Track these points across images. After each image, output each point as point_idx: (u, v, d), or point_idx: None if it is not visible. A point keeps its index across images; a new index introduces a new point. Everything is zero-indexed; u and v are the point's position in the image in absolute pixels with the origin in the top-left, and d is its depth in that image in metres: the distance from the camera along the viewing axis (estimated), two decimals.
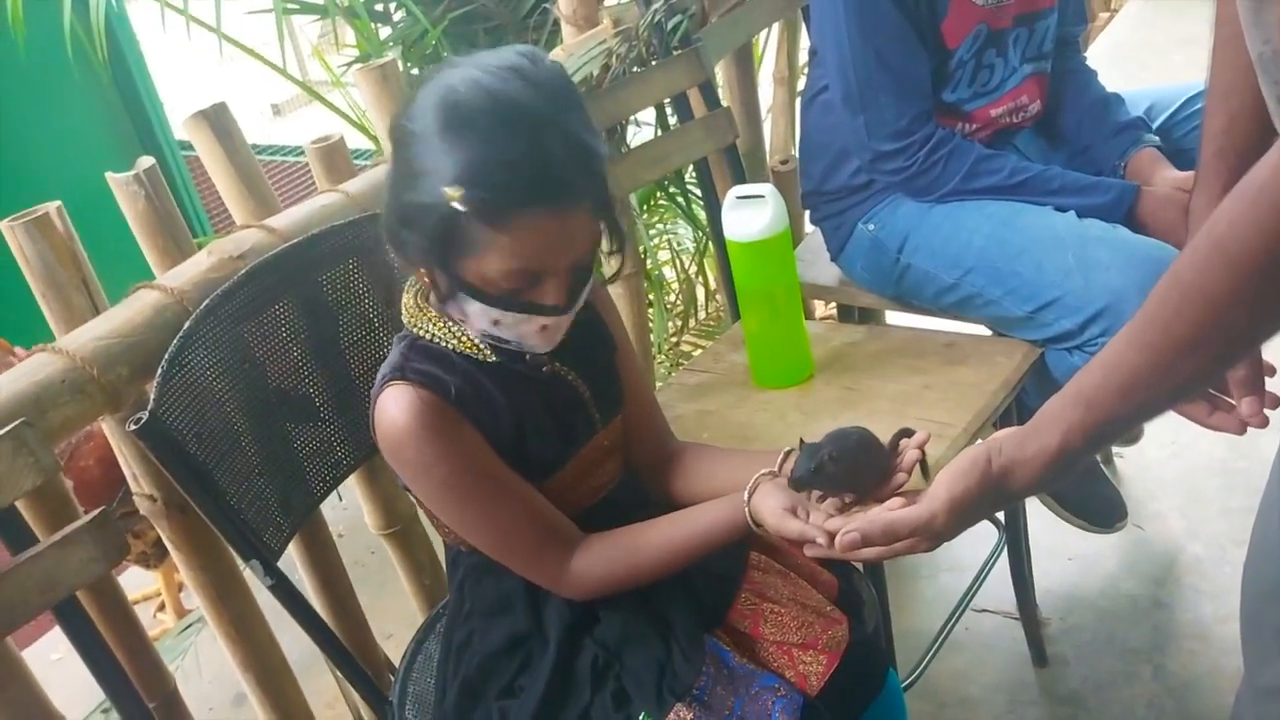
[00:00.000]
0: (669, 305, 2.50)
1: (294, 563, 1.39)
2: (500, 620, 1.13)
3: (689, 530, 1.08)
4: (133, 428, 1.01)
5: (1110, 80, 1.85)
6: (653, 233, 2.40)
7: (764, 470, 1.05)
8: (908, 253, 1.69)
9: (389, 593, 1.77)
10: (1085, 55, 1.87)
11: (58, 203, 1.13)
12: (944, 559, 2.05)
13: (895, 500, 0.95)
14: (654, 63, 1.73)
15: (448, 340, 1.06)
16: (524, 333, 1.03)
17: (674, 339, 2.45)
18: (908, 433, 1.05)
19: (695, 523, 1.08)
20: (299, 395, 1.22)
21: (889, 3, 1.56)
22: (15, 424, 0.96)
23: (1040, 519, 1.87)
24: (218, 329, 1.13)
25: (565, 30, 1.77)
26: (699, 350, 2.34)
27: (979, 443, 0.90)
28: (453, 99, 0.94)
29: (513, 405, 1.06)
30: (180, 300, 1.14)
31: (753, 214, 1.51)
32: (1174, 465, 2.16)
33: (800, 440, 1.05)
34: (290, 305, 1.21)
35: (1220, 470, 2.11)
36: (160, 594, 2.20)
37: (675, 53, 1.73)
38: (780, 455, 1.08)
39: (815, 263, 1.90)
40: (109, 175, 1.21)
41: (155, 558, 2.00)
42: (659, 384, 1.91)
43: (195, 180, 3.36)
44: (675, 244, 2.53)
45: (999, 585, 1.81)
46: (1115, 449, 2.16)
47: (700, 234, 2.40)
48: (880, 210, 1.72)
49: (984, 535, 1.84)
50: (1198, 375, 0.76)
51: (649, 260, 2.26)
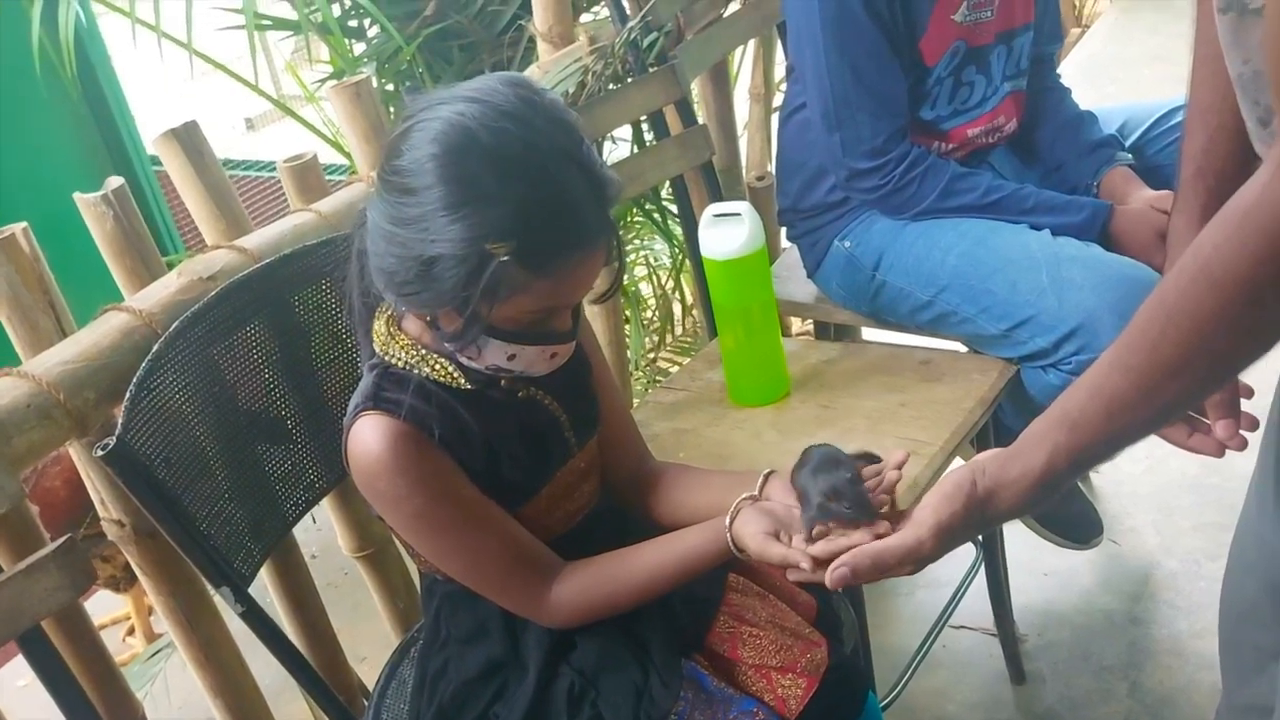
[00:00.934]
0: (646, 322, 2.49)
1: (265, 586, 1.37)
2: (476, 648, 1.12)
3: (670, 556, 1.07)
4: (100, 453, 0.99)
5: (1082, 95, 1.86)
6: (630, 249, 2.39)
7: (745, 494, 1.05)
8: (883, 270, 1.69)
9: (363, 615, 1.75)
10: (1059, 73, 1.88)
11: (24, 224, 1.12)
12: (921, 577, 2.03)
13: (881, 528, 0.94)
14: (630, 80, 1.73)
15: (420, 368, 1.05)
16: (535, 361, 1.03)
17: (650, 356, 2.44)
18: (873, 458, 1.04)
19: (676, 549, 1.07)
20: (271, 418, 1.21)
21: (867, 20, 1.56)
22: None
23: (1017, 535, 1.87)
24: (187, 351, 1.12)
25: (541, 47, 1.76)
26: (676, 367, 2.33)
27: (962, 465, 0.89)
28: (466, 144, 0.92)
29: (487, 432, 1.05)
30: (149, 323, 1.12)
31: (729, 232, 1.50)
32: (1148, 481, 2.17)
33: (769, 472, 1.06)
34: (262, 326, 1.20)
35: (1194, 486, 2.12)
36: (130, 618, 2.17)
37: (651, 70, 1.73)
38: (760, 478, 1.07)
39: (791, 279, 1.90)
40: (77, 196, 1.19)
41: (125, 581, 1.97)
42: (635, 401, 1.90)
43: (168, 197, 3.32)
44: (652, 260, 2.52)
45: (976, 602, 1.80)
46: None
47: (677, 251, 2.40)
48: (856, 227, 1.72)
49: (962, 552, 1.82)
50: (1183, 398, 0.76)
51: (626, 277, 2.25)
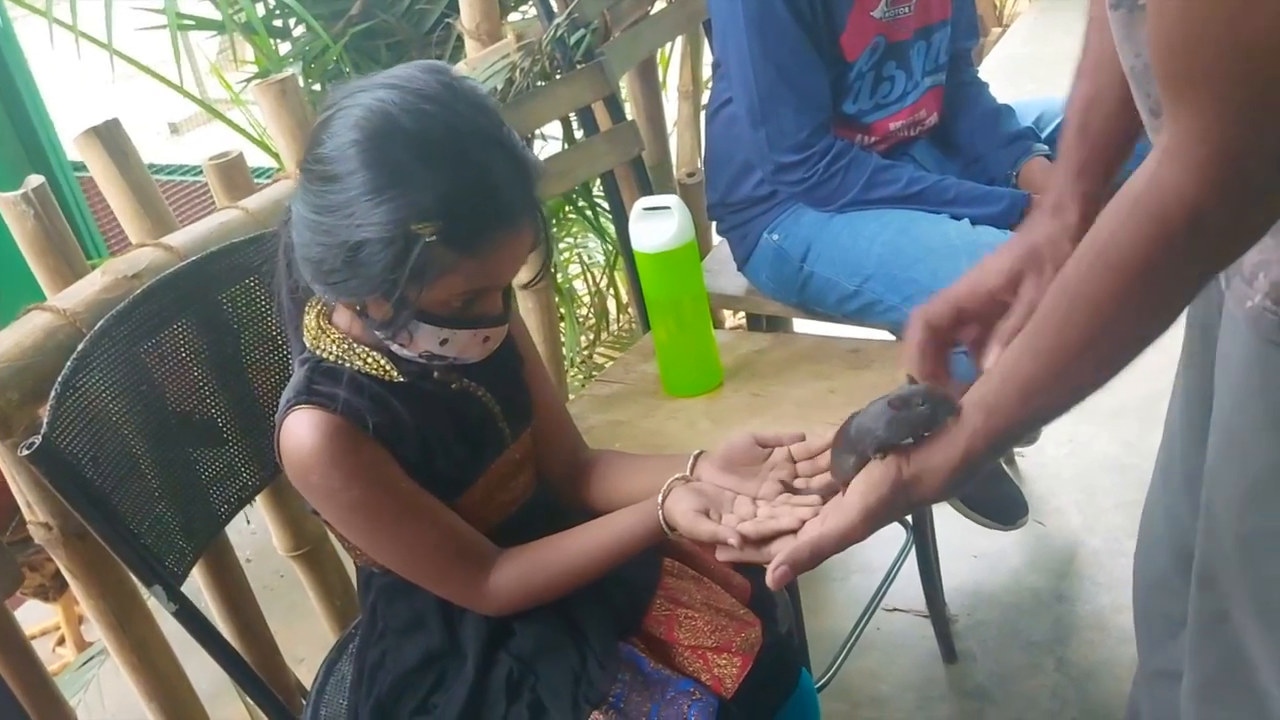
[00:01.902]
0: (580, 318, 2.50)
1: (200, 589, 1.36)
2: (414, 638, 1.12)
3: (605, 538, 1.08)
4: (25, 453, 0.98)
5: (1002, 93, 1.92)
6: (563, 246, 2.40)
7: (676, 475, 1.07)
8: (810, 261, 1.73)
9: (299, 615, 1.74)
10: (977, 69, 1.93)
11: None
12: (854, 561, 2.09)
13: (804, 511, 0.97)
14: (558, 76, 1.74)
15: (352, 361, 1.05)
16: (468, 346, 1.03)
17: (586, 352, 2.46)
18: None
19: (610, 530, 1.08)
20: (200, 417, 1.20)
21: (788, 17, 1.59)
22: None
23: (946, 519, 1.92)
24: (113, 350, 1.10)
25: (468, 45, 1.77)
26: (610, 362, 2.35)
27: None
28: (388, 129, 0.92)
29: (420, 424, 1.06)
30: (73, 322, 1.11)
31: (659, 225, 1.53)
32: (1071, 464, 2.24)
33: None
34: (189, 325, 1.19)
35: (1115, 467, 2.19)
36: (59, 627, 2.12)
37: (579, 66, 1.74)
38: (690, 459, 1.09)
39: (722, 273, 1.92)
40: None
41: (54, 590, 1.93)
42: (571, 396, 1.91)
43: (89, 201, 3.26)
44: (585, 257, 2.54)
45: (908, 585, 1.85)
46: (1016, 449, 2.23)
47: (610, 247, 2.42)
48: (784, 220, 1.75)
49: (893, 537, 1.88)
50: (1092, 377, 0.79)
51: (559, 274, 2.26)
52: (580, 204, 2.30)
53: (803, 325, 2.03)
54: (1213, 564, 0.93)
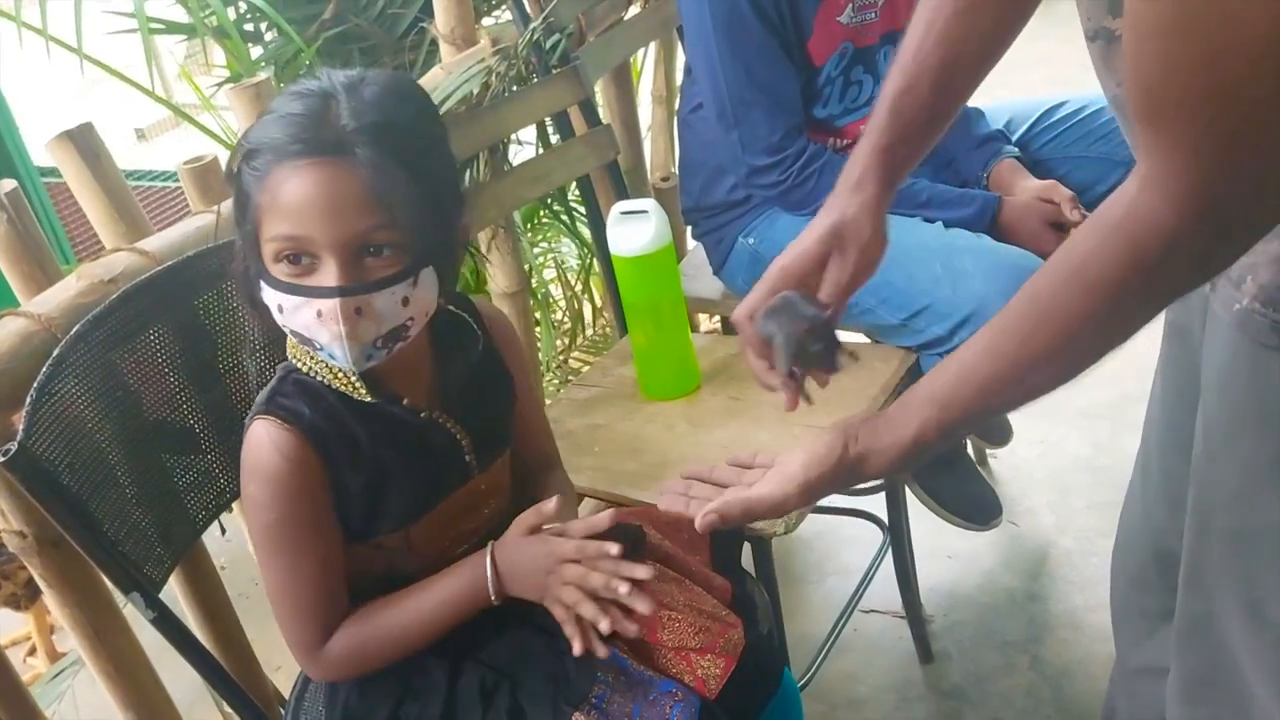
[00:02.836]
0: (556, 323, 2.50)
1: (176, 597, 1.35)
2: None
3: (426, 604, 1.07)
4: (0, 460, 0.97)
5: (971, 97, 1.93)
6: (538, 251, 2.40)
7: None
8: None
9: (275, 623, 1.73)
10: None
11: None
12: (831, 563, 2.10)
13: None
14: (534, 81, 1.74)
15: (324, 376, 1.04)
16: (306, 322, 0.96)
17: (561, 356, 2.45)
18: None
19: (433, 593, 1.07)
20: (177, 424, 1.19)
21: (756, 22, 1.60)
22: None
23: (921, 521, 1.93)
24: (89, 356, 1.09)
25: (443, 49, 1.76)
26: (586, 367, 2.35)
27: (835, 427, 0.93)
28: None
29: (377, 449, 1.05)
30: (48, 327, 1.10)
31: (636, 229, 1.53)
32: (1044, 464, 2.26)
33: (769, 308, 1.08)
34: (165, 330, 1.18)
35: (1086, 467, 2.22)
36: (30, 637, 2.10)
37: (555, 71, 1.75)
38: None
39: (699, 277, 1.93)
40: None
41: (26, 599, 1.91)
42: (548, 400, 1.91)
43: (58, 208, 3.22)
44: (560, 262, 2.54)
45: (884, 586, 1.86)
46: (989, 450, 2.25)
47: (585, 251, 2.42)
48: (759, 224, 1.76)
49: (869, 539, 1.89)
50: (1050, 383, 0.81)
51: (535, 278, 2.26)
52: (556, 208, 2.30)
53: None
54: (1199, 563, 0.94)
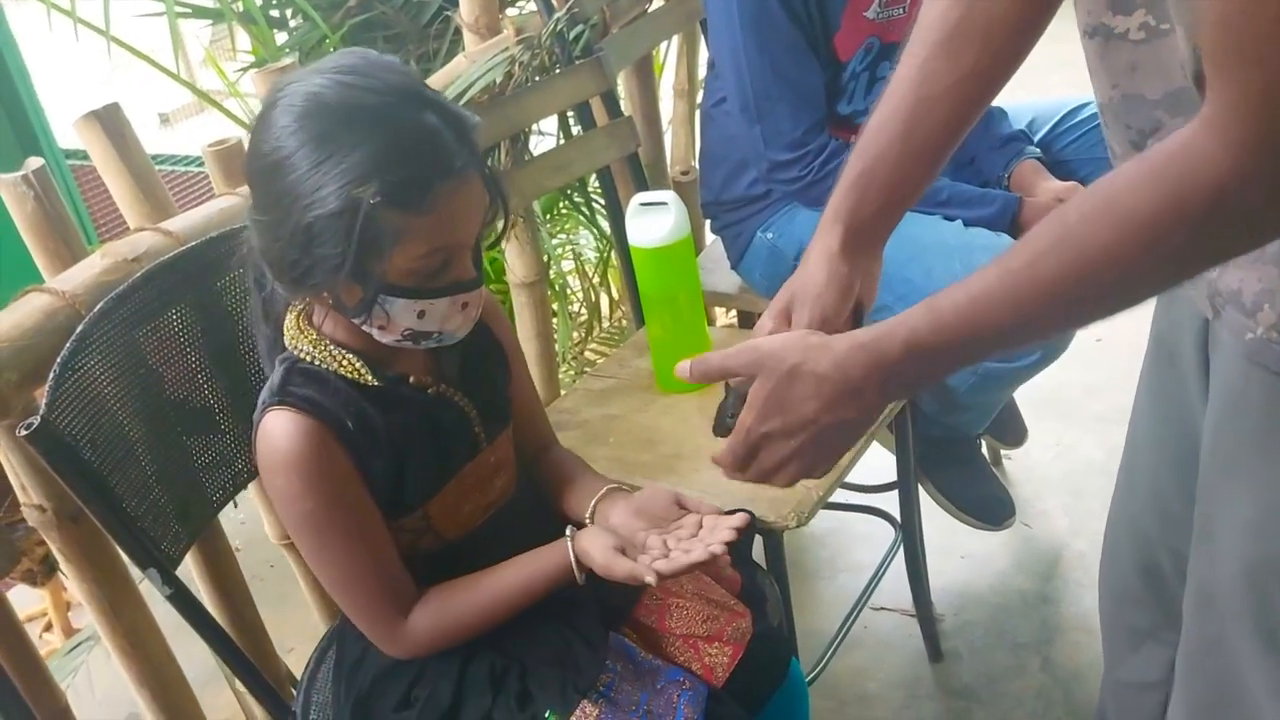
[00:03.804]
0: (573, 314, 2.51)
1: (191, 576, 1.36)
2: None
3: (514, 582, 1.08)
4: (24, 433, 0.98)
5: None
6: (556, 243, 2.41)
7: (591, 504, 1.11)
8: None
9: (290, 606, 1.74)
10: None
11: None
12: (842, 560, 2.10)
13: (717, 547, 0.99)
14: (557, 71, 1.75)
15: (328, 363, 1.05)
16: (448, 316, 1.01)
17: (577, 348, 2.46)
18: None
19: (522, 572, 1.09)
20: (196, 403, 1.20)
21: (783, 16, 1.60)
22: None
23: (934, 519, 1.93)
24: (112, 333, 1.10)
25: (467, 38, 1.77)
26: (602, 359, 2.35)
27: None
28: (317, 107, 0.93)
29: (393, 430, 1.06)
30: (72, 304, 1.11)
31: (656, 220, 1.53)
32: (1058, 466, 2.25)
33: (726, 384, 1.05)
34: (187, 310, 1.19)
35: (1101, 470, 2.21)
36: (46, 614, 2.12)
37: (578, 62, 1.75)
38: (599, 494, 1.14)
39: (716, 271, 1.93)
40: None
41: (43, 575, 1.93)
42: (563, 391, 1.92)
43: (81, 190, 3.24)
44: (578, 254, 2.54)
45: (895, 584, 1.86)
46: (1003, 451, 2.24)
47: (604, 243, 2.42)
48: (778, 219, 1.76)
49: (881, 536, 1.90)
50: (1040, 318, 0.75)
51: (552, 269, 2.26)
52: (576, 199, 2.30)
53: None
54: (1210, 590, 0.93)
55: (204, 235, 1.22)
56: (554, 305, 2.17)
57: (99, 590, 1.23)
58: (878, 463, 1.81)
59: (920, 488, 1.86)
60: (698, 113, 2.05)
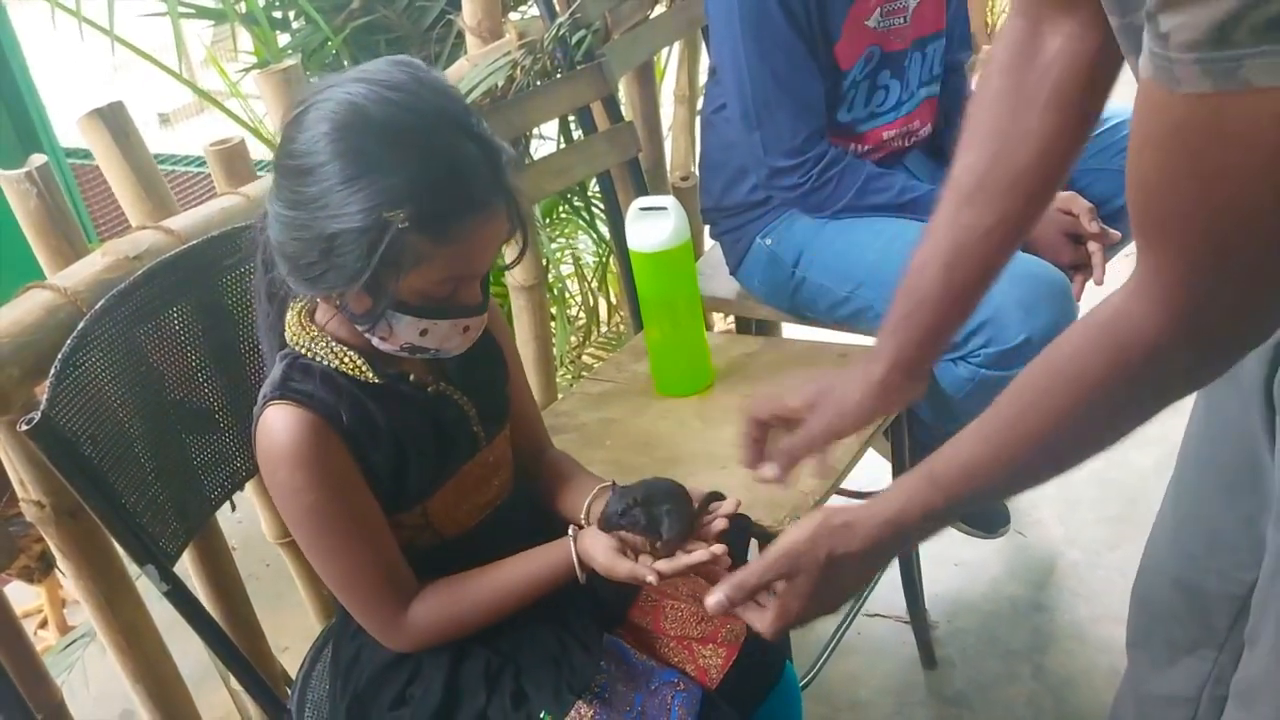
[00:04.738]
0: (571, 318, 2.51)
1: (188, 574, 1.36)
2: None
3: (517, 578, 1.09)
4: (24, 428, 0.98)
5: None
6: (555, 247, 2.41)
7: (587, 503, 1.12)
8: (803, 267, 1.74)
9: (285, 605, 1.74)
10: (971, 81, 1.96)
11: None
12: None
13: (717, 547, 1.02)
14: (558, 76, 1.75)
15: (330, 360, 1.05)
16: (448, 337, 1.03)
17: (575, 352, 2.47)
18: (718, 496, 1.11)
19: (523, 570, 1.09)
20: (196, 401, 1.20)
21: (784, 24, 1.61)
22: None
23: None
24: (113, 331, 1.11)
25: (469, 42, 1.78)
26: (600, 363, 2.36)
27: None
28: (358, 120, 0.93)
29: (394, 427, 1.06)
30: (74, 300, 1.11)
31: (655, 225, 1.54)
32: None
33: (613, 483, 1.10)
34: (188, 308, 1.19)
35: (1096, 481, 2.21)
36: (42, 610, 2.12)
37: (580, 67, 1.76)
38: (593, 493, 1.15)
39: (715, 276, 1.94)
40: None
41: (39, 572, 1.93)
42: (560, 395, 1.92)
43: (82, 189, 3.25)
44: (577, 258, 2.55)
45: (889, 590, 1.86)
46: None
47: (603, 248, 2.43)
48: (777, 226, 1.77)
49: None
50: (1037, 470, 0.83)
51: (551, 272, 2.27)
52: (576, 203, 2.31)
53: (791, 331, 2.05)
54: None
55: (205, 234, 1.23)
56: (552, 309, 2.18)
57: (95, 586, 1.24)
58: (873, 469, 1.82)
59: None
60: (698, 119, 2.06)
